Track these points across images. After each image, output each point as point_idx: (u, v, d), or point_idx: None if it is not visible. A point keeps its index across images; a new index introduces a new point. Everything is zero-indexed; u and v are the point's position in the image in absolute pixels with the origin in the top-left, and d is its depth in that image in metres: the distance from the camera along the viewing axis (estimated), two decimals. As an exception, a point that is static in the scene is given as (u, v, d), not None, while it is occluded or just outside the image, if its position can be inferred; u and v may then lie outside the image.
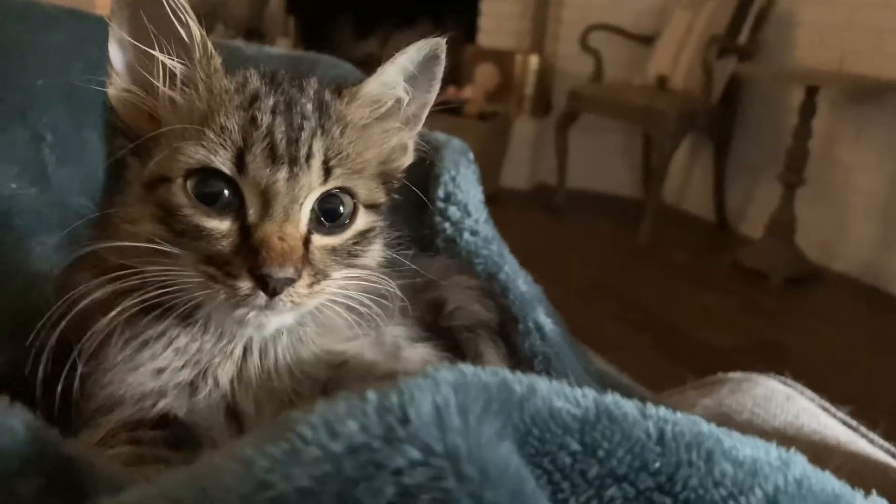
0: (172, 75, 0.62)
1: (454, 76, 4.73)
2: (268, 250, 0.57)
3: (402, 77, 0.68)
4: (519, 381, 0.41)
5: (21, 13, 0.99)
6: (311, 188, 0.61)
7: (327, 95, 0.66)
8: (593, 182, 4.42)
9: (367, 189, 0.66)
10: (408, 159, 0.73)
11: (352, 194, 0.64)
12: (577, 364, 0.87)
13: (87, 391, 0.63)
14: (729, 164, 3.91)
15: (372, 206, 0.67)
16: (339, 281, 0.63)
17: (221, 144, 0.59)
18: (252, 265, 0.57)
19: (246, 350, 0.64)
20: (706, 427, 0.43)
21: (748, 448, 0.43)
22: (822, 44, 3.50)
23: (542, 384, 0.42)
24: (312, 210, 0.61)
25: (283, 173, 0.59)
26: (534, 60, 4.46)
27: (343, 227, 0.64)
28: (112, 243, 0.60)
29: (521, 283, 0.89)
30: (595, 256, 3.55)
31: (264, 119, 0.60)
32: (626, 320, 2.84)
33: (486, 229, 0.95)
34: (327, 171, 0.61)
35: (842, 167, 3.41)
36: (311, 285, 0.60)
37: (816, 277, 3.33)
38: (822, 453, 0.80)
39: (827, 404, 0.93)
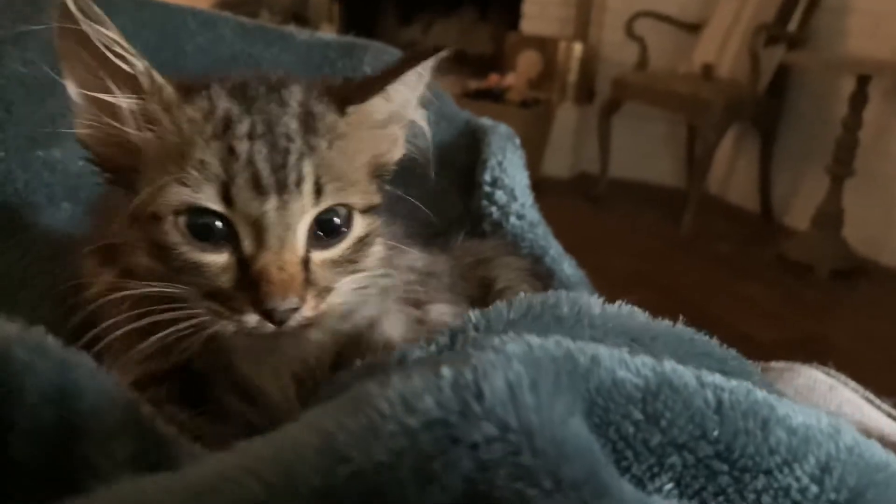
0: (132, 113, 0.58)
1: (497, 63, 4.72)
2: (268, 283, 0.55)
3: (413, 95, 0.65)
4: (582, 351, 0.42)
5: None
6: (304, 211, 0.58)
7: (316, 106, 0.61)
8: (636, 171, 4.38)
9: (362, 195, 0.63)
10: (398, 151, 0.69)
11: (346, 206, 0.61)
12: (621, 348, 0.88)
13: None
14: (775, 155, 3.84)
15: (368, 210, 0.64)
16: (343, 292, 0.61)
17: (204, 180, 0.55)
18: (255, 299, 0.55)
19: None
20: (760, 395, 0.44)
21: (801, 416, 0.44)
22: (875, 32, 3.41)
23: (604, 353, 0.42)
24: (309, 228, 0.59)
25: (271, 203, 0.56)
26: (577, 47, 4.41)
27: (340, 237, 0.61)
28: (116, 238, 0.59)
29: (567, 266, 0.90)
30: (636, 246, 3.52)
31: (242, 147, 0.56)
32: (667, 311, 2.78)
33: (532, 213, 0.96)
34: (318, 191, 0.58)
35: (892, 159, 3.33)
36: (316, 305, 0.58)
37: (863, 271, 3.26)
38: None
39: (871, 396, 0.92)
